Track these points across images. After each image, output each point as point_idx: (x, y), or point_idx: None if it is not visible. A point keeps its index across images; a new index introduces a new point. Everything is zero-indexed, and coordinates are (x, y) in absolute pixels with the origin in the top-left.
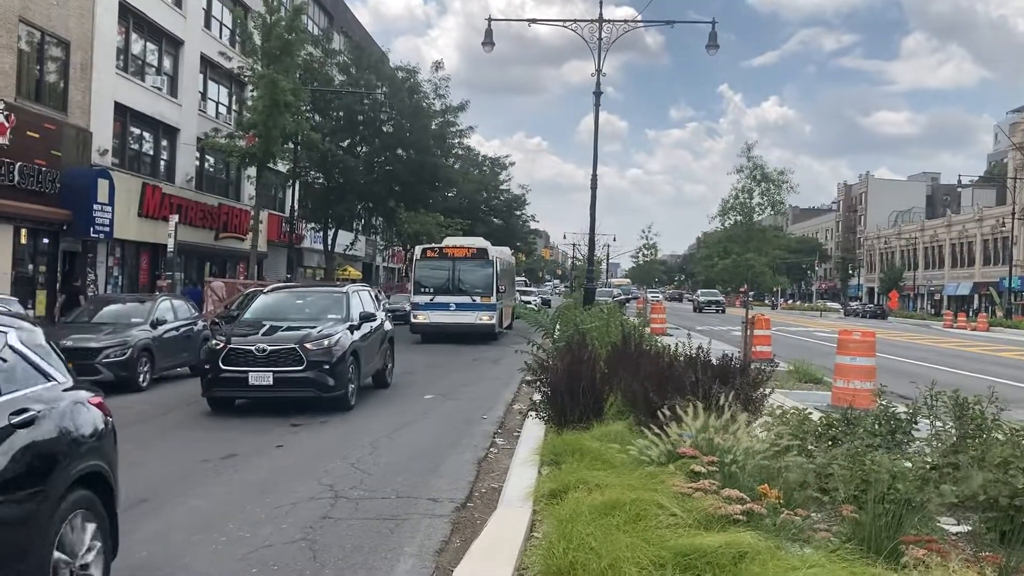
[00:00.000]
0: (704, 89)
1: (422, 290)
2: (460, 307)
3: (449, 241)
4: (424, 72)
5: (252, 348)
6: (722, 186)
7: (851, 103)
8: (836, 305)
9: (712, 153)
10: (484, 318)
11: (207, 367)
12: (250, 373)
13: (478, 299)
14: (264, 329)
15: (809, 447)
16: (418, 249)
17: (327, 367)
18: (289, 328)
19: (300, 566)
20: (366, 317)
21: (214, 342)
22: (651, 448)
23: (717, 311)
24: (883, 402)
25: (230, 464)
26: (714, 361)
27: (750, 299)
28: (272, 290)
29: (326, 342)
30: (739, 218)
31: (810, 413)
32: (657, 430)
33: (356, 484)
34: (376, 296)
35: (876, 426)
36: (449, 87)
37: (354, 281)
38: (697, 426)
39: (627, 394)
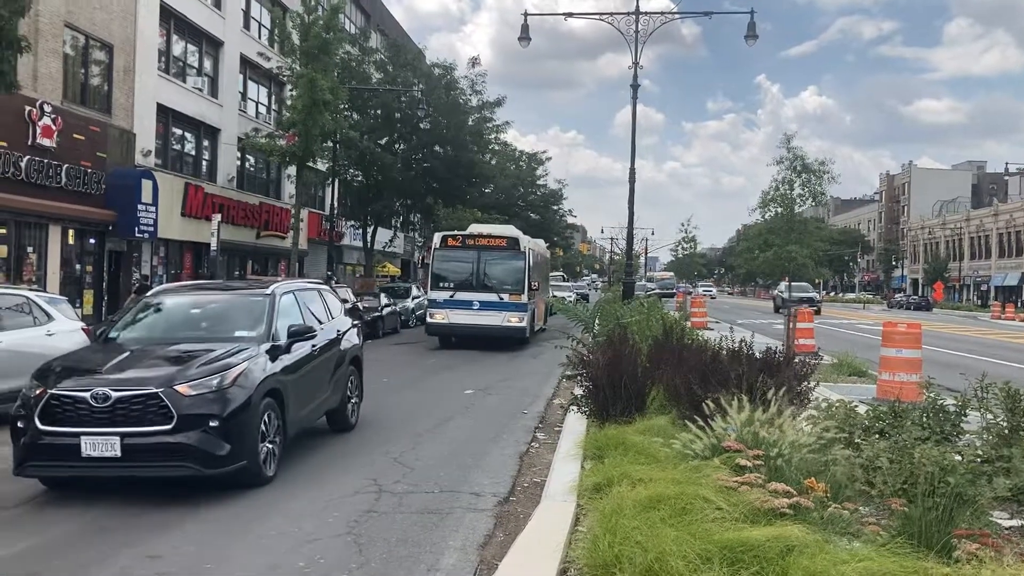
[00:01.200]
0: (741, 80)
1: (441, 285)
2: (485, 306)
3: (475, 228)
4: (460, 68)
5: (87, 395)
6: (761, 178)
7: (892, 92)
8: (869, 296)
9: (750, 145)
10: (513, 320)
11: (19, 425)
12: (83, 437)
13: (506, 297)
14: (119, 359)
15: (856, 440)
16: (437, 236)
17: (215, 424)
18: (163, 357)
19: (346, 559)
20: (300, 333)
21: (29, 386)
22: (695, 442)
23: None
24: (931, 394)
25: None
26: (757, 354)
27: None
28: (161, 292)
29: (215, 381)
30: (780, 210)
31: (856, 406)
32: (701, 424)
33: (399, 478)
34: (347, 300)
35: (924, 419)
36: (485, 83)
37: (392, 277)
38: (742, 419)
39: (669, 388)
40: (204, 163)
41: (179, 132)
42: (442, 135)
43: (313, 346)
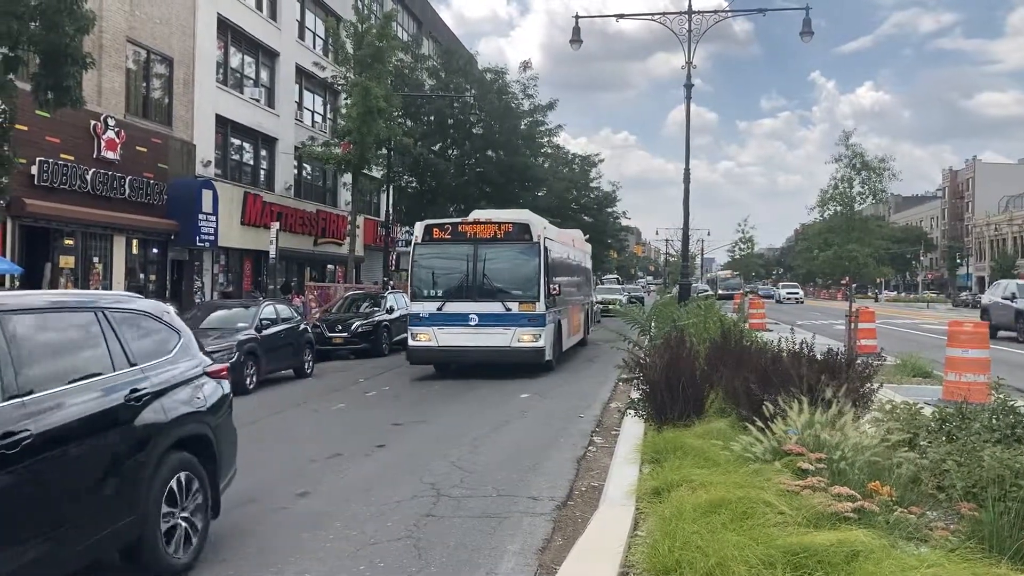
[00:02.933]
0: (795, 77)
1: (425, 293)
2: (486, 321)
3: (474, 215)
4: (512, 73)
5: None
6: (818, 176)
7: (952, 85)
8: (933, 295)
9: (806, 143)
10: (525, 338)
11: None
12: None
13: (515, 307)
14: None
15: (922, 443)
16: (419, 227)
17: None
18: None
19: (406, 563)
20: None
21: None
22: (755, 445)
23: None
24: (1000, 395)
25: (336, 463)
26: (818, 356)
27: (853, 291)
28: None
29: None
30: (839, 208)
31: (921, 408)
32: (761, 426)
33: (457, 482)
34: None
35: (993, 420)
36: (537, 86)
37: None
38: (803, 422)
39: (728, 390)
40: (262, 172)
41: (237, 142)
42: (494, 140)
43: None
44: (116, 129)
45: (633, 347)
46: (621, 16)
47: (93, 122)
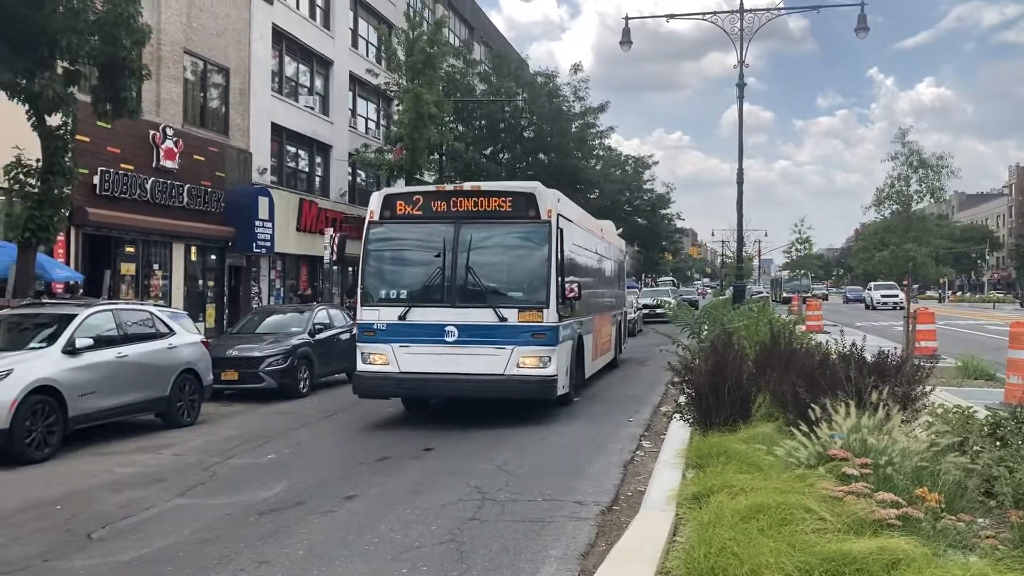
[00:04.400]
0: (853, 74)
1: (380, 295)
2: (470, 335)
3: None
4: (562, 76)
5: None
6: (876, 174)
7: (1018, 79)
8: (1000, 295)
9: (864, 141)
10: (528, 361)
11: None
12: None
13: (513, 316)
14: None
15: (974, 448)
16: (376, 198)
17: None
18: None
19: (448, 567)
20: None
21: None
22: (799, 450)
23: None
24: None
25: (383, 467)
26: (869, 358)
27: (914, 292)
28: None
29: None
30: (896, 207)
31: (975, 411)
32: (806, 431)
33: (502, 486)
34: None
35: None
36: (588, 88)
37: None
38: (848, 426)
39: (776, 394)
40: (317, 179)
41: (293, 150)
42: (546, 143)
43: None
44: (174, 139)
45: (683, 350)
46: (672, 16)
47: (152, 132)
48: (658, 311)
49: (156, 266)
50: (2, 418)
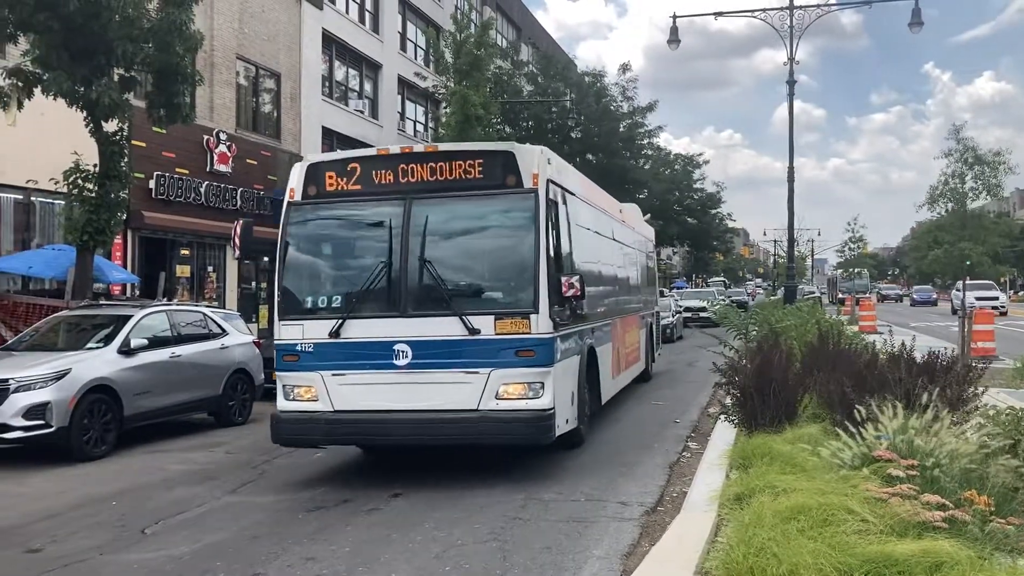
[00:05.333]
0: (908, 70)
1: (305, 303)
2: (427, 355)
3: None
4: (610, 75)
5: None
6: (933, 171)
7: None
8: None
9: (920, 138)
10: (511, 390)
11: None
12: None
13: (488, 326)
14: None
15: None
16: (297, 171)
17: None
18: None
19: (491, 566)
20: None
21: None
22: (844, 450)
23: None
24: None
25: (430, 465)
26: (919, 358)
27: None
28: None
29: None
30: (950, 205)
31: None
32: (852, 431)
33: (547, 486)
34: None
35: None
36: (636, 88)
37: None
38: (895, 427)
39: (823, 395)
40: None
41: None
42: (593, 143)
43: None
44: (227, 143)
45: (730, 351)
46: (720, 14)
47: (206, 137)
48: (702, 314)
49: (211, 268)
50: (61, 416)
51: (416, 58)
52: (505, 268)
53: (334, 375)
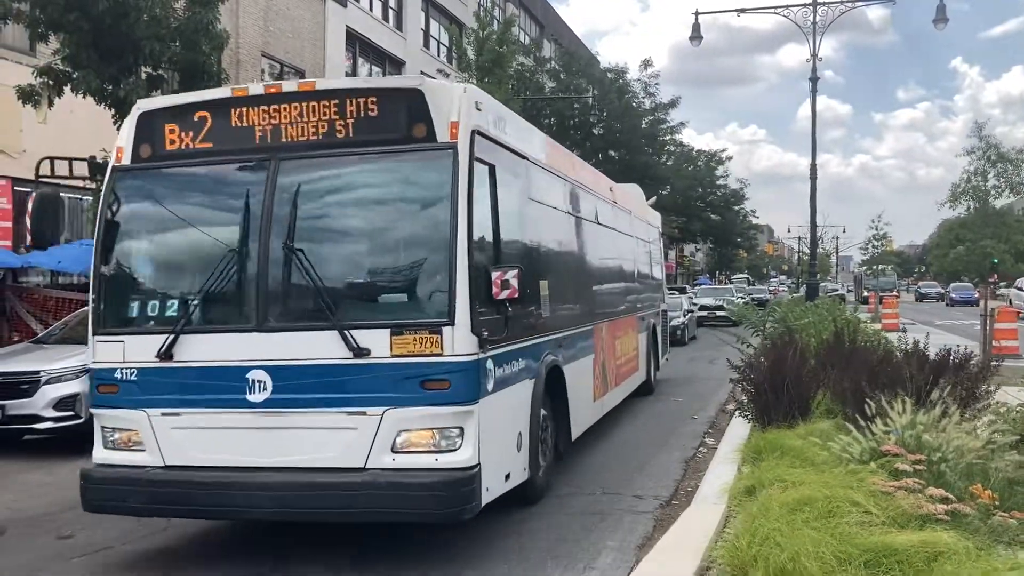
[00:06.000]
0: (935, 65)
1: (128, 312)
2: (293, 386)
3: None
4: (632, 71)
5: None
6: (960, 169)
7: None
8: None
9: (948, 134)
10: (410, 438)
11: None
12: None
13: (378, 342)
14: None
15: None
16: (127, 123)
17: None
18: None
19: (507, 555)
20: None
21: None
22: (852, 445)
23: None
24: None
25: None
26: (933, 355)
27: (997, 290)
28: None
29: None
30: (973, 203)
31: None
32: (861, 426)
33: (564, 480)
34: None
35: None
36: (659, 85)
37: None
38: (904, 422)
39: (836, 391)
40: None
41: None
42: (615, 139)
43: None
44: None
45: (746, 347)
46: (742, 11)
47: None
48: (719, 313)
49: None
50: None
51: (439, 55)
52: (408, 259)
53: (165, 415)
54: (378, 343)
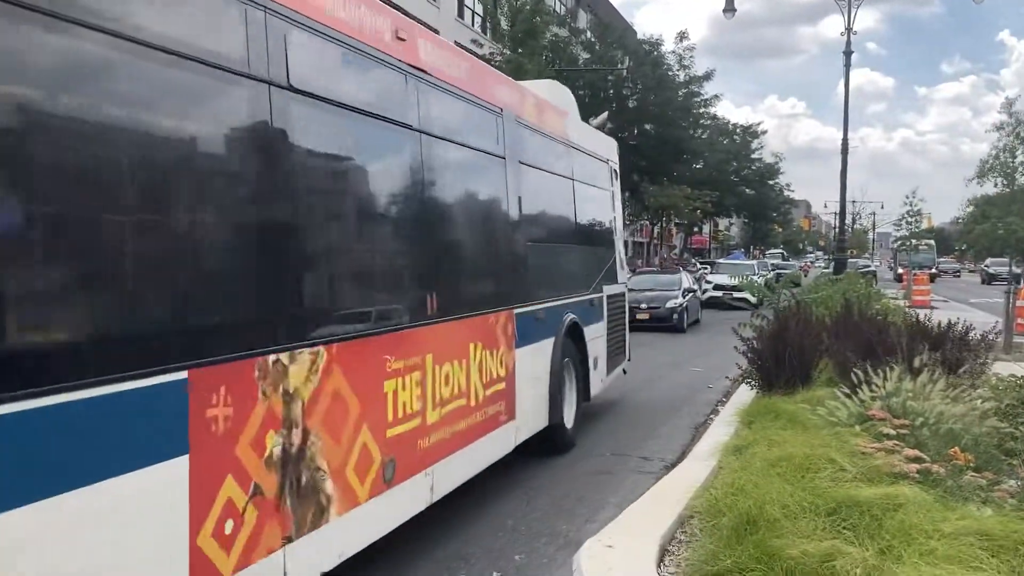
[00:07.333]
0: (981, 38)
1: None
2: None
3: None
4: (668, 43)
5: None
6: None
7: None
8: None
9: (994, 108)
10: None
11: None
12: None
13: None
14: None
15: (1015, 412)
16: None
17: None
18: None
19: (514, 508)
20: None
21: None
22: (839, 409)
23: None
24: None
25: None
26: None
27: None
28: None
29: None
30: (1000, 180)
31: None
32: (848, 392)
33: (580, 440)
34: None
35: None
36: (694, 57)
37: None
38: (889, 388)
39: (838, 360)
40: None
41: None
42: (649, 112)
43: None
44: None
45: (760, 320)
46: None
47: None
48: (736, 295)
49: None
50: None
51: (474, 25)
52: None
53: None
54: None
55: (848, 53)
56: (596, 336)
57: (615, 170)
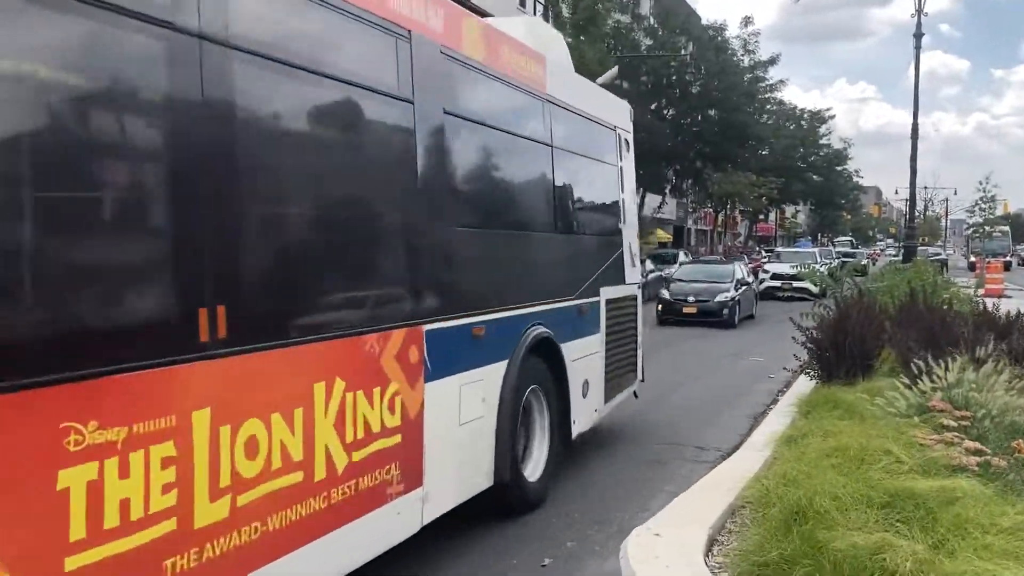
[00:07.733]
0: None
1: None
2: None
3: None
4: (732, 28)
5: None
6: None
7: None
8: None
9: None
10: None
11: None
12: None
13: None
14: None
15: None
16: None
17: None
18: None
19: (571, 496)
20: None
21: None
22: (898, 400)
23: None
24: None
25: None
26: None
27: None
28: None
29: None
30: None
31: None
32: (907, 383)
33: (634, 430)
34: None
35: None
36: (758, 42)
37: (663, 245)
38: (951, 379)
39: (900, 350)
40: None
41: None
42: (712, 98)
43: None
44: None
45: (821, 309)
46: None
47: None
48: (797, 284)
49: None
50: None
51: (535, 13)
52: None
53: None
54: None
55: (918, 35)
56: (585, 354)
57: (627, 140)
